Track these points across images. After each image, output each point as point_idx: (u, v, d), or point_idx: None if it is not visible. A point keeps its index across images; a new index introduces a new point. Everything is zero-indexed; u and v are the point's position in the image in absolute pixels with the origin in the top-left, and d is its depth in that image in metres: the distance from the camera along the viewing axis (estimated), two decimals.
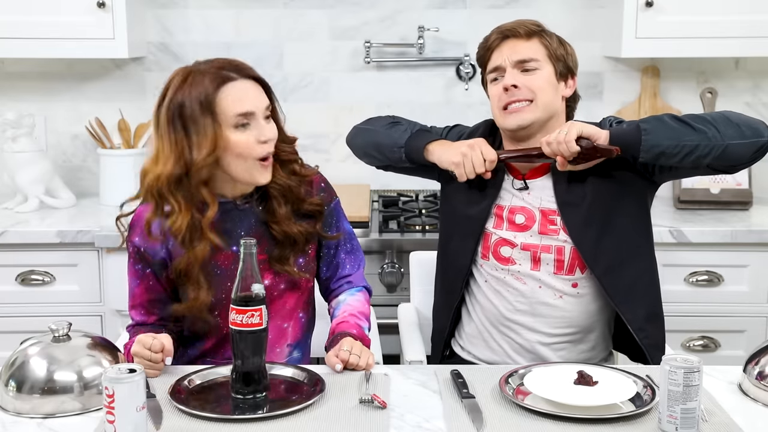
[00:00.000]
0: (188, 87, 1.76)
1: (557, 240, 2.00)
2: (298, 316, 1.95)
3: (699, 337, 2.78)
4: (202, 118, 1.75)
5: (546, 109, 2.02)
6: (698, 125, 1.88)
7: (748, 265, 2.72)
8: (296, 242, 1.89)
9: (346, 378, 1.73)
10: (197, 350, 1.92)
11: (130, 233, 1.88)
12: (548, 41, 2.05)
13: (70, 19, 2.86)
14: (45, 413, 1.58)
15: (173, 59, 3.17)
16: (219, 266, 1.85)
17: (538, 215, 2.01)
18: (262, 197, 1.89)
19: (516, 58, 2.02)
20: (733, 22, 2.86)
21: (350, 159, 3.15)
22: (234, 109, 1.76)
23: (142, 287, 1.88)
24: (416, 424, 1.54)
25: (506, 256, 2.03)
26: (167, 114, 1.77)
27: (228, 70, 1.79)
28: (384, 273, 2.67)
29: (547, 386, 1.63)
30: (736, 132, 1.87)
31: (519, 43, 2.04)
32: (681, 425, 1.46)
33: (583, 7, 3.17)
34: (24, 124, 2.98)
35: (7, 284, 2.74)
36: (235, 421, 1.55)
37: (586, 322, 2.03)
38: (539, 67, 2.02)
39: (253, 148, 1.78)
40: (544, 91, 2.01)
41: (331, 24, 3.18)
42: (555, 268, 2.00)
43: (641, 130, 1.88)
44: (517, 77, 2.01)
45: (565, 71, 2.06)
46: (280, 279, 1.90)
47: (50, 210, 2.99)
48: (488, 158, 2.00)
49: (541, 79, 2.01)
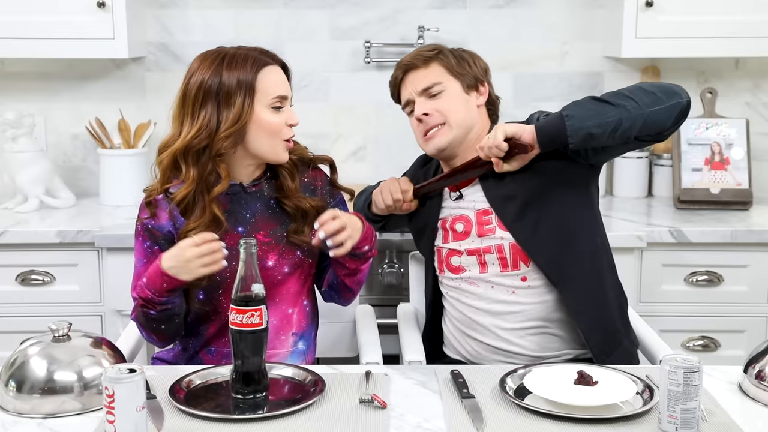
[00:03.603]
0: (225, 68, 1.83)
1: (495, 239, 2.05)
2: (302, 304, 1.96)
3: (699, 337, 2.78)
4: (237, 93, 1.83)
5: (460, 126, 2.10)
6: (617, 101, 1.94)
7: (748, 265, 2.72)
8: (307, 215, 1.94)
9: (346, 378, 1.73)
10: (202, 337, 1.93)
11: (140, 212, 1.94)
12: (446, 60, 2.12)
13: (70, 19, 2.86)
14: (45, 413, 1.58)
15: (173, 59, 3.17)
16: (225, 246, 1.86)
17: (474, 219, 2.08)
18: (270, 178, 1.95)
19: (420, 87, 2.12)
20: (733, 22, 2.86)
21: (350, 159, 3.17)
22: (275, 91, 1.87)
23: (147, 265, 1.89)
24: (416, 424, 1.54)
25: (456, 265, 2.11)
26: (199, 90, 1.83)
27: (261, 54, 1.89)
28: (384, 273, 2.67)
29: (547, 386, 1.63)
30: (653, 99, 1.94)
31: (419, 72, 2.13)
32: (681, 425, 1.46)
33: (583, 7, 3.17)
34: (24, 124, 2.98)
35: (7, 284, 2.74)
36: (235, 421, 1.55)
37: (544, 313, 2.05)
38: (444, 89, 2.10)
39: (283, 129, 1.88)
40: (454, 110, 2.10)
41: (331, 24, 3.18)
42: (500, 267, 2.05)
43: (563, 117, 1.93)
44: (426, 105, 2.10)
45: (473, 82, 2.13)
46: (284, 261, 1.92)
47: (50, 210, 2.99)
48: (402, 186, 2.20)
49: (447, 101, 2.10)
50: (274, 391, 1.67)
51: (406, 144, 2.99)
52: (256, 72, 1.85)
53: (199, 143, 1.82)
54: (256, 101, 1.84)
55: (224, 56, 1.86)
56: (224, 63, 1.84)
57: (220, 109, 1.82)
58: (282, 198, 1.94)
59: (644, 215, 2.90)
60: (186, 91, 1.86)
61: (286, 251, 1.93)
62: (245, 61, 1.85)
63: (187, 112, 1.85)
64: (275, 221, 1.94)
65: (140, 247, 1.93)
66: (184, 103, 1.86)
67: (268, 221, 1.93)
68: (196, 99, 1.83)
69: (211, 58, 1.86)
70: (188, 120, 1.84)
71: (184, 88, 1.87)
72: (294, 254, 1.94)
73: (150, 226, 1.90)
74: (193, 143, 1.82)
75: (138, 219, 1.94)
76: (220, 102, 1.82)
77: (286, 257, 1.93)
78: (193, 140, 1.82)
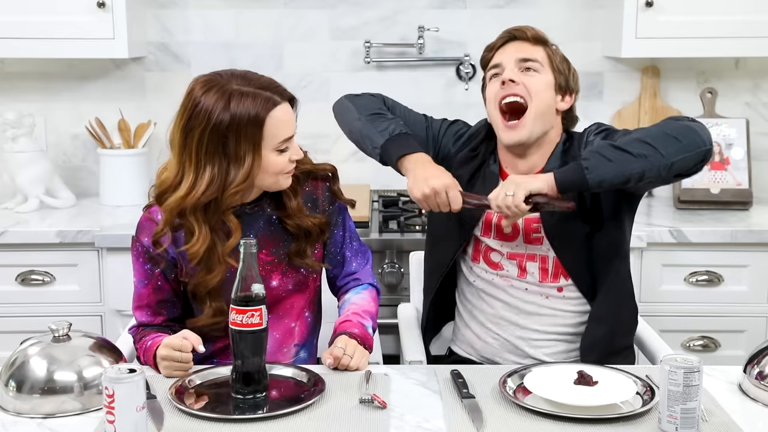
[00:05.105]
0: (233, 109, 1.72)
1: (541, 249, 2.02)
2: (304, 316, 1.96)
3: (699, 337, 2.78)
4: (246, 143, 1.74)
5: (540, 118, 1.99)
6: (639, 150, 1.86)
7: (748, 265, 2.72)
8: (310, 234, 1.90)
9: (346, 378, 1.73)
10: (207, 352, 1.92)
11: (139, 233, 1.87)
12: (553, 52, 2.05)
13: (70, 19, 2.86)
14: (45, 413, 1.58)
15: (173, 59, 3.17)
16: (230, 270, 1.85)
17: (522, 224, 2.03)
18: (272, 196, 1.90)
19: (519, 56, 2.02)
20: (733, 22, 2.86)
21: (351, 159, 3.17)
22: (282, 135, 1.78)
23: (149, 288, 1.87)
24: (416, 424, 1.54)
25: (496, 261, 2.07)
26: (205, 133, 1.73)
27: (270, 91, 1.78)
28: (384, 273, 2.67)
29: (547, 386, 1.63)
30: (677, 148, 1.86)
31: (524, 44, 2.04)
32: (681, 425, 1.46)
33: (583, 7, 3.17)
34: (24, 124, 2.98)
35: (7, 284, 2.74)
36: (235, 421, 1.55)
37: (572, 321, 2.04)
38: (540, 71, 2.01)
39: (287, 166, 1.82)
40: (541, 95, 1.99)
41: (331, 24, 3.18)
42: (540, 276, 2.03)
43: (583, 169, 1.86)
44: (517, 73, 2.00)
45: (565, 86, 2.04)
46: (288, 280, 1.91)
47: (50, 210, 2.99)
48: (453, 205, 1.96)
49: (540, 82, 2.00)
50: (274, 391, 1.67)
51: None
52: (265, 115, 1.74)
53: (208, 199, 1.75)
54: (263, 148, 1.76)
55: (231, 93, 1.74)
56: (232, 102, 1.73)
57: (229, 165, 1.74)
58: (284, 217, 1.89)
59: (644, 215, 2.90)
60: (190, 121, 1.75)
61: (289, 270, 1.91)
62: (255, 102, 1.74)
63: (191, 158, 1.75)
64: (277, 239, 1.90)
65: (140, 268, 1.88)
66: (186, 142, 1.75)
67: (270, 239, 1.89)
68: (200, 144, 1.73)
69: (217, 91, 1.74)
70: (192, 168, 1.75)
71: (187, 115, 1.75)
72: (297, 272, 1.92)
73: (151, 250, 1.85)
74: (201, 200, 1.75)
75: (137, 240, 1.87)
76: (229, 157, 1.74)
77: (290, 276, 1.91)
78: (201, 197, 1.74)
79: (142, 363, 1.82)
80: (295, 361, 1.94)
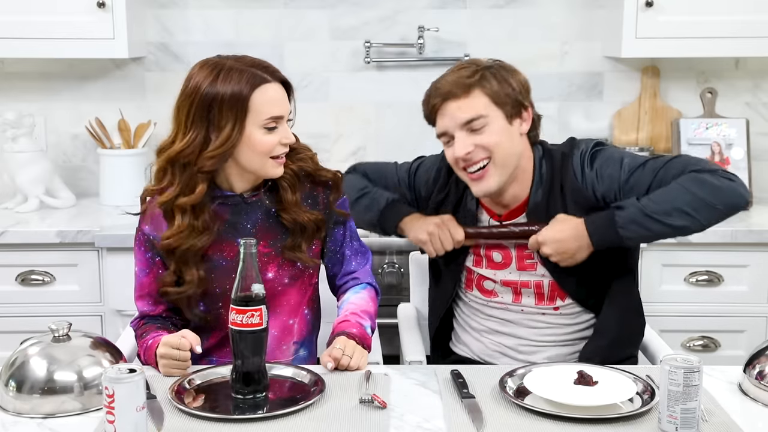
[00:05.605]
0: (220, 82, 1.79)
1: (535, 275, 2.03)
2: (303, 313, 1.96)
3: (699, 337, 2.78)
4: (229, 113, 1.79)
5: (506, 162, 1.95)
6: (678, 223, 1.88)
7: (748, 265, 2.72)
8: (306, 229, 1.91)
9: (346, 378, 1.73)
10: (202, 346, 1.93)
11: (141, 221, 1.92)
12: (489, 87, 1.93)
13: (70, 19, 2.86)
14: (45, 413, 1.58)
15: (173, 59, 3.17)
16: (224, 257, 1.87)
17: (514, 252, 2.03)
18: (271, 189, 1.91)
19: (461, 120, 1.93)
20: (733, 22, 2.86)
21: (351, 159, 3.16)
22: (268, 112, 1.81)
23: (151, 276, 1.89)
24: (416, 424, 1.54)
25: (489, 289, 2.08)
26: (193, 101, 1.80)
27: (260, 70, 1.83)
28: (384, 273, 2.67)
29: (547, 386, 1.63)
30: (717, 215, 1.90)
31: (460, 102, 1.93)
32: (681, 425, 1.46)
33: (583, 7, 3.17)
34: (24, 124, 2.98)
35: (7, 284, 2.74)
36: (235, 421, 1.55)
37: (574, 329, 2.05)
38: (487, 122, 1.92)
39: (275, 148, 1.83)
40: (500, 145, 1.93)
41: (331, 24, 3.18)
42: (536, 300, 2.04)
43: (623, 239, 1.91)
44: (468, 141, 1.93)
45: (517, 108, 1.96)
46: (284, 272, 1.91)
47: (50, 210, 2.99)
48: (456, 238, 2.01)
49: (491, 135, 1.93)
50: (274, 391, 1.67)
51: (406, 144, 3.00)
52: (251, 90, 1.79)
53: (185, 158, 1.81)
54: (248, 122, 1.79)
55: (221, 68, 1.81)
56: (220, 76, 1.79)
57: (210, 128, 1.80)
58: (281, 211, 1.90)
59: None
60: (183, 95, 1.83)
61: (285, 263, 1.92)
62: (241, 77, 1.79)
63: (181, 120, 1.83)
64: (275, 232, 1.91)
65: (142, 256, 1.91)
66: (179, 109, 1.84)
67: (268, 231, 1.90)
68: (189, 110, 1.81)
69: (209, 67, 1.82)
70: (181, 130, 1.83)
71: (182, 91, 1.84)
72: (294, 265, 1.93)
73: (152, 237, 1.88)
74: (179, 156, 1.81)
75: (139, 228, 1.92)
76: (211, 121, 1.79)
77: (286, 268, 1.91)
78: (180, 153, 1.81)
79: (143, 362, 1.82)
80: (294, 359, 1.94)
